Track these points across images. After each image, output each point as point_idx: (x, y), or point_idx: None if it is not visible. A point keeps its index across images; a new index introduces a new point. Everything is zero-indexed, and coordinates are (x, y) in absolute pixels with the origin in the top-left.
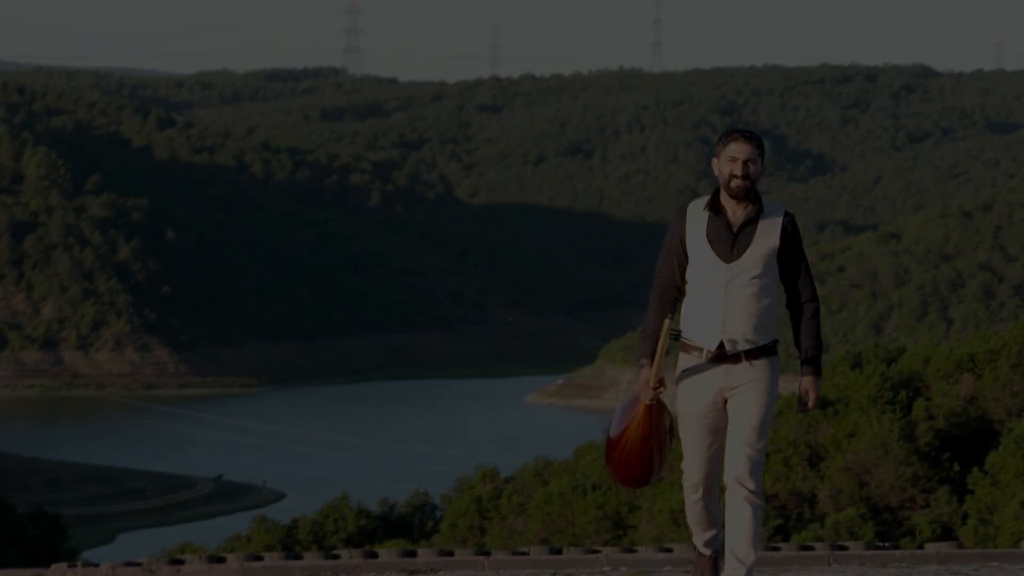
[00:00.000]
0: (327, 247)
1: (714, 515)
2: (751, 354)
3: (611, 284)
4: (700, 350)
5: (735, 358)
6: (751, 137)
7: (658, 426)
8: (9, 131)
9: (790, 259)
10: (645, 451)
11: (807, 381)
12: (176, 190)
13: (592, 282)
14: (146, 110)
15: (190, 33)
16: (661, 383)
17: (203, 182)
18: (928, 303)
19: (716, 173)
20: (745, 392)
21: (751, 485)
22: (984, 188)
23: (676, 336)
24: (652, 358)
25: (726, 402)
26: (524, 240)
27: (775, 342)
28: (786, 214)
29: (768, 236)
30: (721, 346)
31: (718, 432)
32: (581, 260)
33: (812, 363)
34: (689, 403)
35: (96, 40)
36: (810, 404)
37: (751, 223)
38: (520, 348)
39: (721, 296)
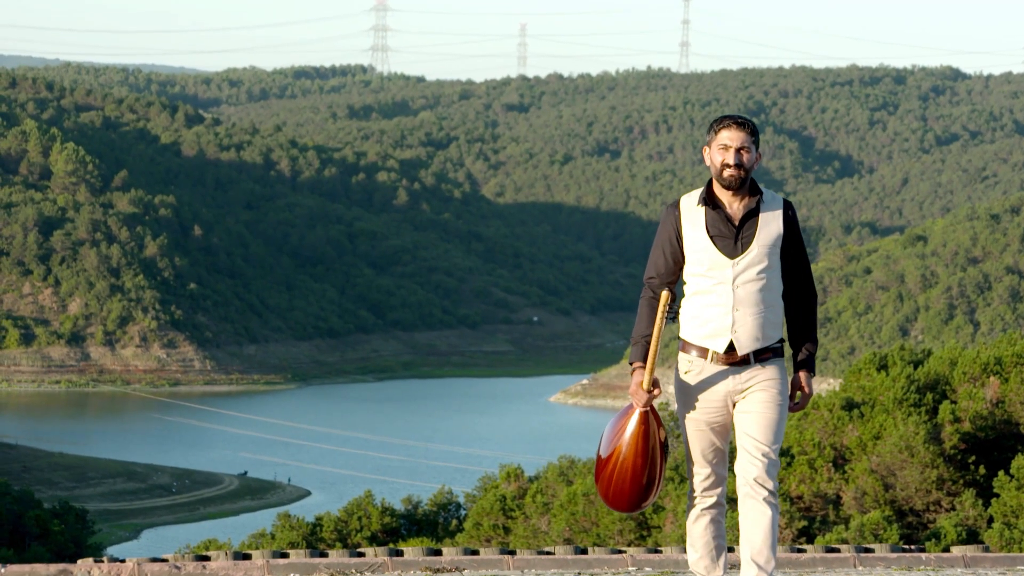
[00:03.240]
0: (353, 245)
1: (720, 541)
2: (760, 356)
3: (637, 284)
4: (705, 352)
5: (744, 360)
6: (744, 123)
7: (653, 438)
8: (38, 127)
9: (791, 250)
10: (638, 468)
11: (801, 377)
12: (203, 187)
13: (618, 282)
14: (174, 107)
15: (218, 30)
16: (655, 385)
17: (230, 179)
18: (955, 306)
19: (708, 163)
20: (756, 392)
21: (769, 486)
22: (1012, 191)
23: (674, 317)
24: (644, 361)
25: (735, 405)
26: (550, 239)
27: (782, 341)
28: (786, 203)
29: (771, 228)
30: (731, 347)
31: (725, 436)
32: (607, 260)
33: (806, 360)
34: (693, 407)
35: (125, 36)
36: (801, 402)
37: (752, 215)
38: (545, 348)
39: (729, 294)
